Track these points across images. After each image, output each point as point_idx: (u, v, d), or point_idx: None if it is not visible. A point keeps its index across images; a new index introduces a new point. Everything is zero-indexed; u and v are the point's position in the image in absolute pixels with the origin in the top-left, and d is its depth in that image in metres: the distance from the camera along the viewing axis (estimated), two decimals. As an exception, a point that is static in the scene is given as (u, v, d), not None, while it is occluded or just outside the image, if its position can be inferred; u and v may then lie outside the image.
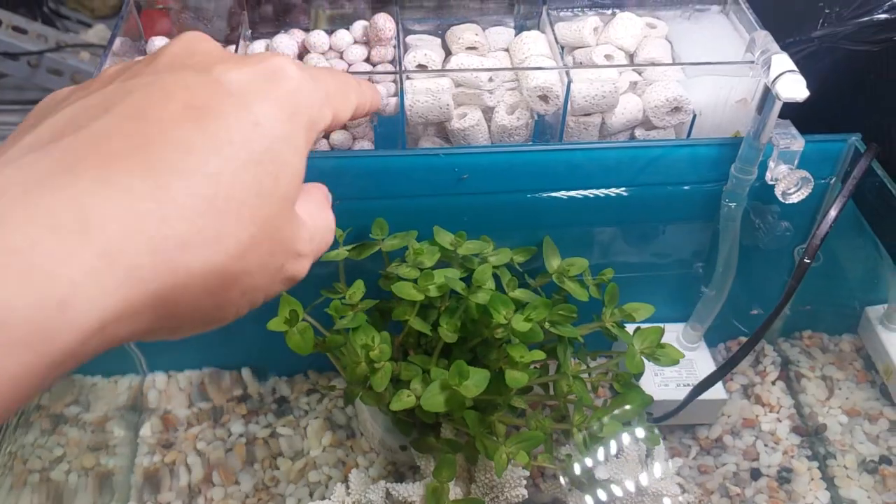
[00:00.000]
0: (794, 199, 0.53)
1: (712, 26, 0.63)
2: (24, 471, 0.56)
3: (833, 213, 0.52)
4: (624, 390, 0.53)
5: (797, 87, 0.48)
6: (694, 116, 0.58)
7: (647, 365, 0.52)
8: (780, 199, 0.54)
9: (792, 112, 0.52)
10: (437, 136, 0.58)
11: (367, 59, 0.60)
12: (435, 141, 0.58)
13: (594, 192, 0.58)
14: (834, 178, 0.59)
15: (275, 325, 0.50)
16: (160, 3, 0.61)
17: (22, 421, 0.56)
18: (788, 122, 0.53)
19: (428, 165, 0.55)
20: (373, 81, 0.56)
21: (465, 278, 0.52)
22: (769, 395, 0.68)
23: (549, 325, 0.50)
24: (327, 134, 0.53)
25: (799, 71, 0.49)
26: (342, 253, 0.54)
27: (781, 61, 0.49)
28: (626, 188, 0.58)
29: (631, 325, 0.53)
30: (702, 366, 0.65)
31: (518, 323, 0.48)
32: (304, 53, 0.61)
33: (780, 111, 0.50)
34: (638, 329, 0.52)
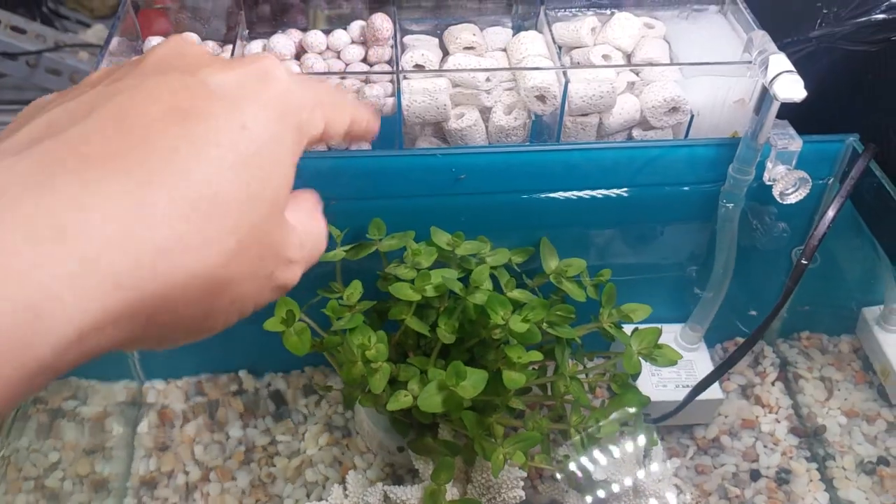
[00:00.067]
0: (792, 199, 0.53)
1: (710, 26, 0.62)
2: (18, 478, 0.56)
3: (831, 213, 0.52)
4: (621, 391, 0.53)
5: (795, 88, 0.48)
6: (691, 117, 0.58)
7: (645, 366, 0.52)
8: (778, 199, 0.53)
9: (790, 112, 0.52)
10: (435, 136, 0.58)
11: (365, 59, 0.60)
12: (432, 141, 0.58)
13: (592, 193, 0.57)
14: (832, 179, 0.59)
15: (271, 325, 0.50)
16: (158, 3, 0.61)
17: (19, 415, 0.55)
18: (786, 122, 0.53)
19: (425, 166, 0.55)
20: (370, 81, 0.56)
21: (463, 279, 0.52)
22: (768, 396, 0.68)
23: (546, 326, 0.50)
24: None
25: (796, 71, 0.49)
26: (339, 253, 0.54)
27: (779, 61, 0.49)
28: (623, 189, 0.58)
29: (629, 326, 0.53)
30: (701, 367, 0.65)
31: (516, 323, 0.48)
32: (301, 53, 0.60)
33: (777, 111, 0.50)
34: (636, 330, 0.52)
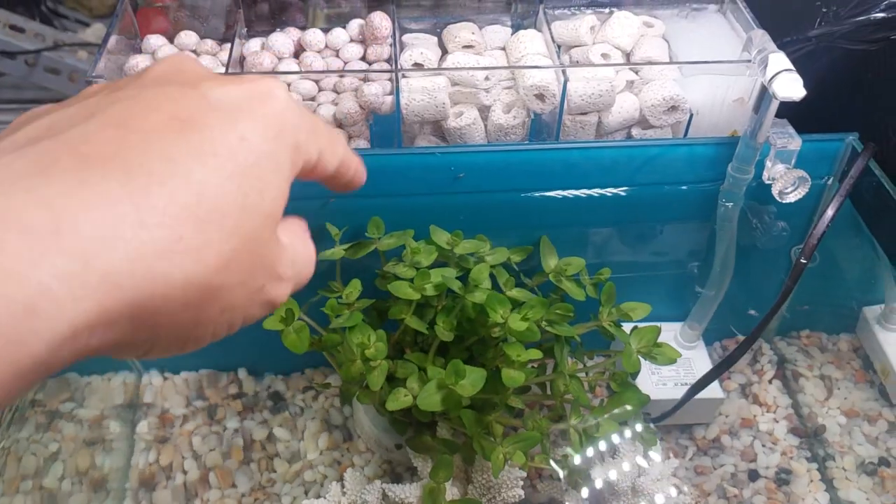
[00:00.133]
0: (791, 198, 0.53)
1: (709, 25, 0.62)
2: (17, 474, 0.56)
3: (830, 212, 0.52)
4: (621, 389, 0.53)
5: (794, 86, 0.48)
6: (691, 115, 0.58)
7: (645, 364, 0.52)
8: (777, 198, 0.53)
9: (789, 111, 0.52)
10: (434, 134, 0.58)
11: (364, 58, 0.60)
12: (431, 140, 0.58)
13: (591, 192, 0.57)
14: (831, 178, 0.59)
15: (271, 323, 0.50)
16: (157, 2, 0.61)
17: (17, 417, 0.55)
18: (785, 121, 0.53)
19: (424, 164, 0.55)
20: (369, 80, 0.56)
21: (462, 277, 0.52)
22: (766, 395, 0.68)
23: (545, 325, 0.50)
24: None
25: (796, 70, 0.49)
26: (338, 252, 0.54)
27: (778, 60, 0.49)
28: (623, 187, 0.57)
29: (628, 325, 0.53)
30: (699, 365, 0.65)
31: (515, 322, 0.48)
32: (299, 52, 0.60)
33: (776, 110, 0.50)
34: (635, 328, 0.52)
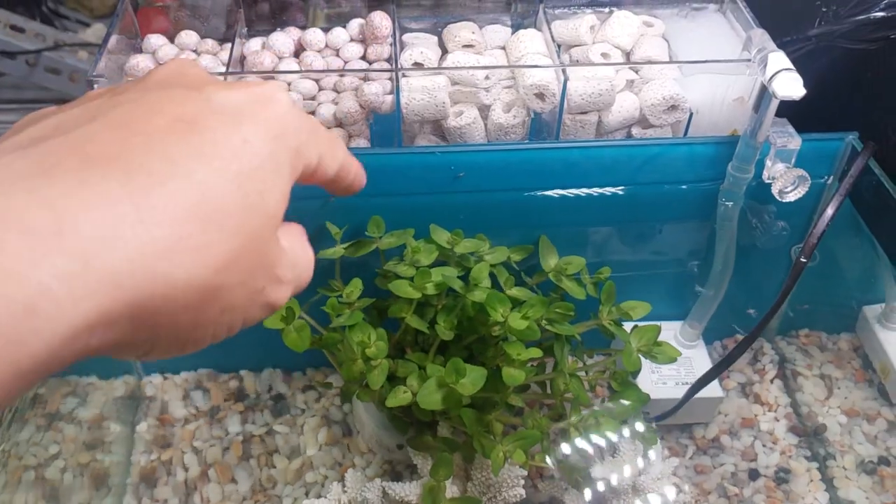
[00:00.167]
0: (791, 197, 0.53)
1: (709, 24, 0.62)
2: (18, 467, 0.56)
3: (830, 211, 0.52)
4: (621, 388, 0.53)
5: (794, 86, 0.48)
6: (690, 115, 0.58)
7: (645, 363, 0.52)
8: (777, 197, 0.53)
9: (789, 110, 0.52)
10: (434, 134, 0.58)
11: (364, 57, 0.60)
12: (431, 139, 0.58)
13: (591, 191, 0.57)
14: (831, 177, 0.59)
15: (272, 322, 0.50)
16: (157, 2, 0.61)
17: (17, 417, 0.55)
18: (785, 120, 0.53)
19: (424, 163, 0.55)
20: (369, 79, 0.56)
21: (462, 276, 0.52)
22: (767, 394, 0.68)
23: (546, 323, 0.50)
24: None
25: (796, 69, 0.49)
26: (339, 251, 0.54)
27: (778, 59, 0.49)
28: (622, 187, 0.58)
29: (628, 324, 0.53)
30: (699, 364, 0.65)
31: (515, 320, 0.48)
32: (300, 51, 0.60)
33: (776, 109, 0.50)
34: (635, 327, 0.52)
